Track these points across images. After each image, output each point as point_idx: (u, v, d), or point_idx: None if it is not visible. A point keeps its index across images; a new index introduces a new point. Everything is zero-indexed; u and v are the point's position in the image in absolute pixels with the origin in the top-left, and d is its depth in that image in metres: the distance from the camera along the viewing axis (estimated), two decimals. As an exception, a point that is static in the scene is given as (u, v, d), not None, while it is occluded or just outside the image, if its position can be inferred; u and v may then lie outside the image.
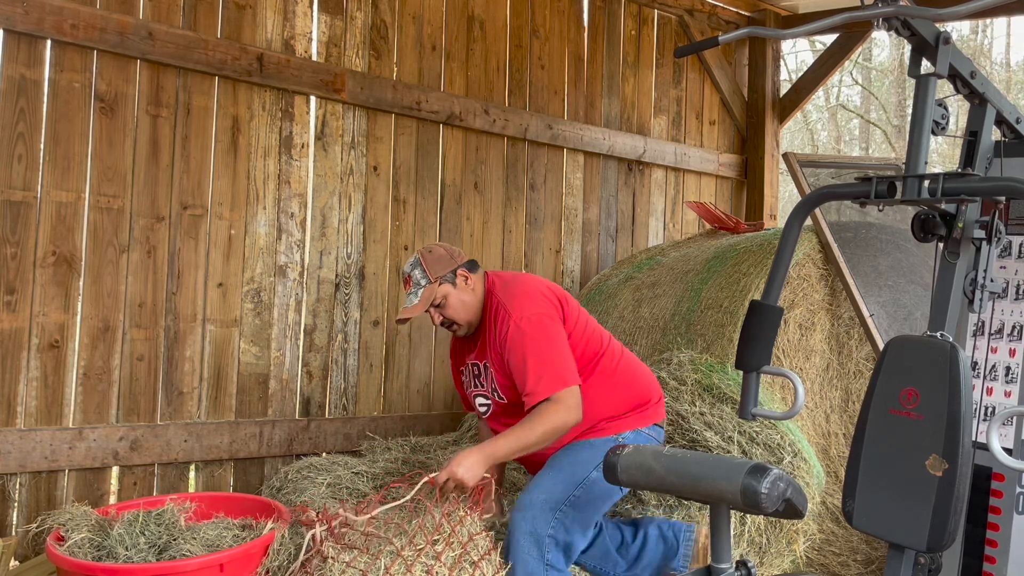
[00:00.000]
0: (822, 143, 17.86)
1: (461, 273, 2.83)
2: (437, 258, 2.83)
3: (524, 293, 2.77)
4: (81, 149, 3.53)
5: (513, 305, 2.72)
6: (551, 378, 2.60)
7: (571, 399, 2.60)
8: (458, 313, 2.82)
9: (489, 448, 2.58)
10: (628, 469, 2.38)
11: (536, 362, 2.61)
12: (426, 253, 2.85)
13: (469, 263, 2.88)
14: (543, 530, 2.62)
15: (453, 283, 2.81)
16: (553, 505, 2.66)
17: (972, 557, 2.85)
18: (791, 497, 2.14)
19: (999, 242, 2.27)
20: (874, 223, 4.51)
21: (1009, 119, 2.50)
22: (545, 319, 2.69)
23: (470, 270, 2.85)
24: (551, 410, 2.58)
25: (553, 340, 2.66)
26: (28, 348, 3.42)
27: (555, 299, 2.80)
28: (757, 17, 5.88)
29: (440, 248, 2.88)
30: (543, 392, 2.58)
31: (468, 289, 2.82)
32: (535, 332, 2.65)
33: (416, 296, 2.79)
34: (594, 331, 2.88)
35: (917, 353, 2.16)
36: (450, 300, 2.80)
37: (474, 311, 2.83)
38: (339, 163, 4.24)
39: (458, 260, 2.86)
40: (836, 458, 4.14)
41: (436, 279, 2.79)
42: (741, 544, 3.24)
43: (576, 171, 5.19)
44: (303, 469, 3.66)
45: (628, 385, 2.85)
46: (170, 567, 2.43)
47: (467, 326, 2.86)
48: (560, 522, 2.65)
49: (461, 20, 4.67)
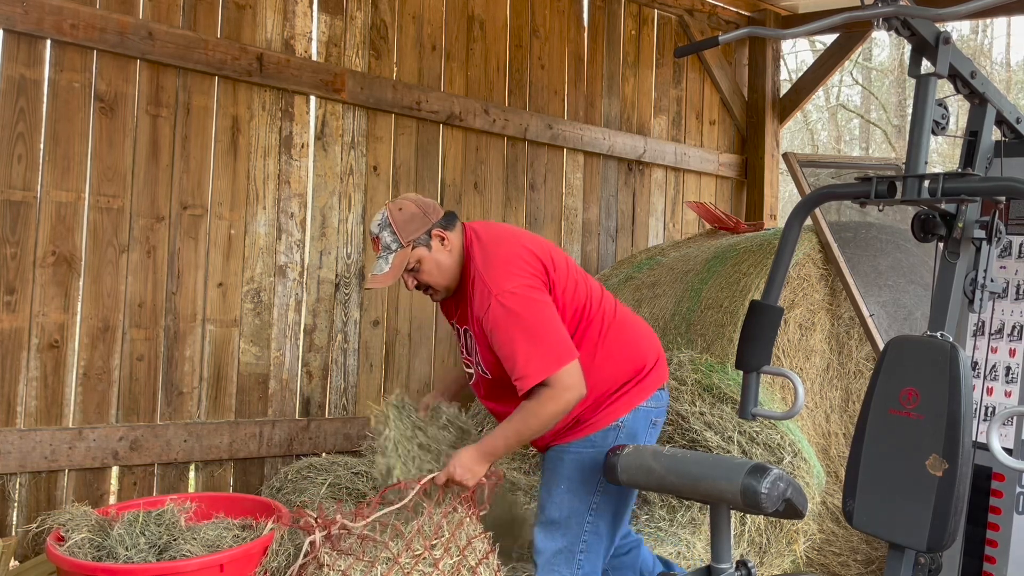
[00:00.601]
0: (822, 143, 17.86)
1: (436, 233, 2.51)
2: (409, 217, 2.50)
3: (504, 261, 2.47)
4: (81, 149, 3.53)
5: (492, 277, 2.43)
6: (543, 358, 2.35)
7: (568, 377, 2.36)
8: (434, 278, 2.54)
9: (487, 445, 2.45)
10: (628, 469, 2.38)
11: (525, 342, 2.35)
12: (396, 211, 2.51)
13: (446, 218, 2.55)
14: (575, 547, 2.54)
15: (428, 245, 2.50)
16: (572, 549, 2.54)
17: (972, 557, 2.85)
18: (791, 497, 2.15)
19: (999, 242, 2.27)
20: (874, 223, 4.51)
21: (1009, 119, 2.50)
22: (530, 290, 2.42)
23: (447, 227, 2.53)
24: (546, 398, 2.36)
25: (540, 314, 2.39)
26: (28, 348, 3.41)
27: (538, 263, 2.50)
28: (757, 17, 5.87)
29: (412, 204, 2.53)
30: (535, 375, 2.34)
31: (445, 251, 2.52)
32: (520, 308, 2.38)
33: (387, 262, 2.49)
34: (587, 291, 2.59)
35: (917, 353, 2.16)
36: (424, 265, 2.51)
37: (452, 274, 2.55)
38: (339, 163, 4.24)
39: (432, 217, 2.53)
40: (836, 458, 4.15)
41: (408, 243, 2.49)
42: (741, 544, 3.24)
43: (576, 171, 5.19)
44: (303, 469, 3.66)
45: (626, 348, 2.60)
46: (170, 567, 2.43)
47: (445, 290, 2.59)
48: (590, 533, 2.56)
49: (461, 20, 4.67)
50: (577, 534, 2.55)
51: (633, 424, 2.59)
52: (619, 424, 2.57)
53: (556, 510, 2.56)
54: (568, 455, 2.58)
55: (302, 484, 3.51)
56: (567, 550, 2.54)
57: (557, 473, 2.58)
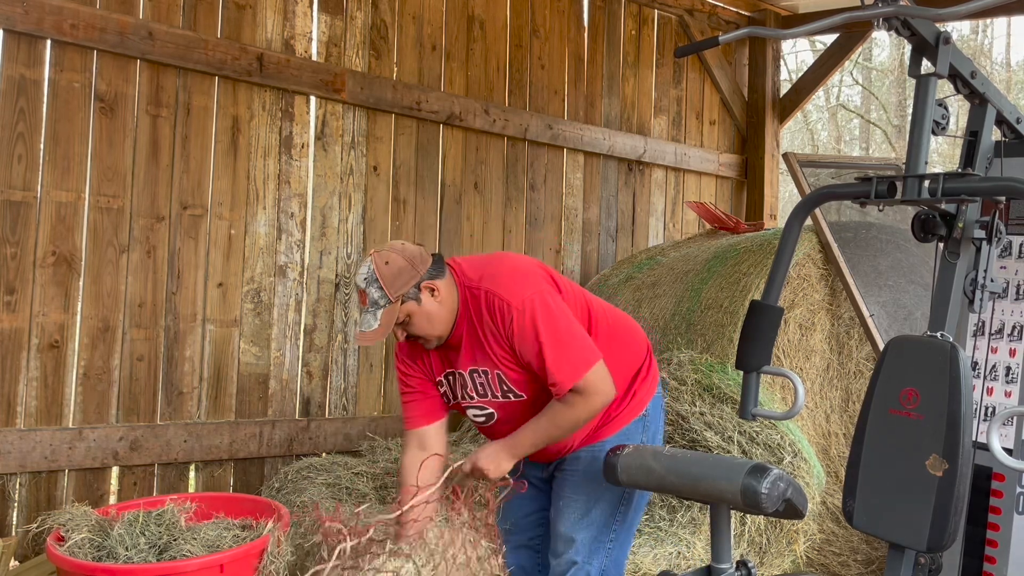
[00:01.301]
0: (822, 143, 17.86)
1: (426, 286, 2.42)
2: (396, 272, 2.40)
3: (513, 274, 2.47)
4: (81, 149, 3.53)
5: (506, 290, 2.41)
6: (572, 363, 2.37)
7: (598, 381, 2.39)
8: (424, 330, 2.45)
9: (512, 441, 2.45)
10: (628, 469, 2.38)
11: (552, 348, 2.36)
12: (382, 265, 2.41)
13: (434, 267, 2.46)
14: (606, 536, 2.58)
15: (418, 299, 2.41)
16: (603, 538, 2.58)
17: (972, 557, 2.85)
18: (791, 497, 2.15)
19: (999, 242, 2.27)
20: (874, 223, 4.51)
21: (1009, 119, 2.50)
22: (546, 296, 2.42)
23: (436, 276, 2.45)
24: (576, 403, 2.38)
25: (562, 319, 2.41)
26: (28, 348, 3.41)
27: (543, 271, 2.54)
28: (757, 17, 5.87)
29: (398, 256, 2.43)
30: (567, 381, 2.36)
31: (435, 302, 2.43)
32: (541, 314, 2.38)
33: (375, 318, 2.40)
34: (584, 296, 2.65)
35: (917, 353, 2.16)
36: (415, 319, 2.43)
37: (444, 324, 2.46)
38: (339, 163, 4.24)
39: (421, 269, 2.42)
40: (836, 458, 4.15)
41: (397, 298, 2.39)
42: (741, 544, 3.24)
43: (576, 171, 5.19)
44: (303, 469, 3.66)
45: (628, 340, 2.66)
46: (170, 567, 2.42)
47: (437, 340, 2.50)
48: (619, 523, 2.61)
49: (461, 20, 4.67)
50: (608, 524, 2.60)
51: (653, 411, 2.66)
52: (645, 413, 2.63)
53: (594, 506, 2.59)
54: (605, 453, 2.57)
55: (302, 484, 3.51)
56: (599, 540, 2.59)
57: (594, 469, 2.57)
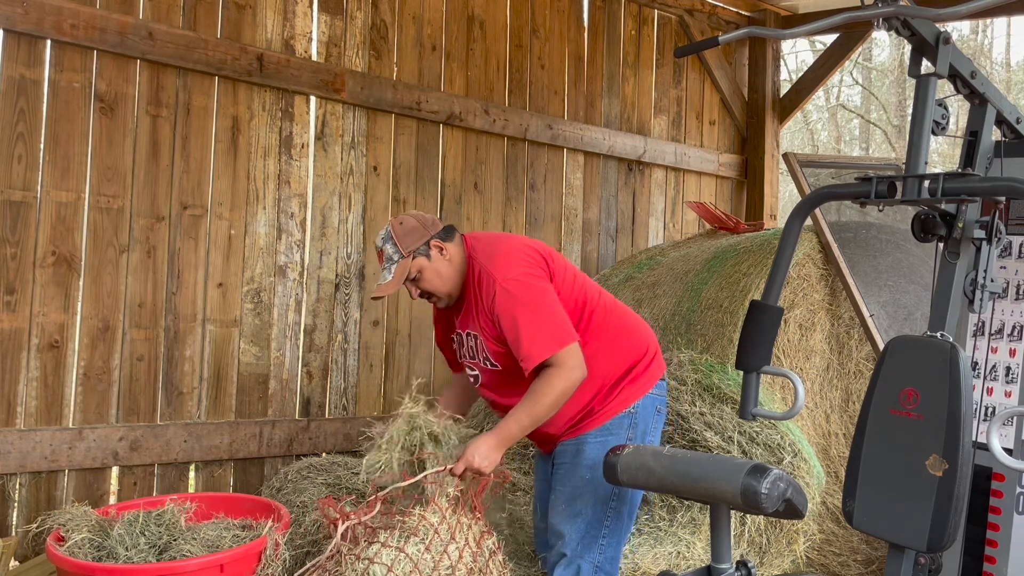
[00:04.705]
0: (822, 143, 17.86)
1: (435, 244, 2.67)
2: (408, 230, 2.68)
3: (506, 253, 2.63)
4: (81, 149, 3.53)
5: (496, 267, 2.59)
6: (545, 339, 2.50)
7: (570, 358, 2.51)
8: (435, 285, 2.69)
9: (502, 431, 2.52)
10: (628, 470, 2.39)
11: (528, 324, 2.50)
12: (397, 225, 2.70)
13: (444, 231, 2.72)
14: (598, 532, 2.60)
15: (428, 255, 2.66)
16: (595, 533, 2.60)
17: (972, 557, 2.85)
18: (791, 497, 2.15)
19: (999, 242, 2.27)
20: (874, 223, 4.51)
21: (1009, 119, 2.51)
22: (531, 278, 2.58)
23: (445, 239, 2.70)
24: (552, 376, 2.49)
25: (542, 299, 2.55)
26: (28, 348, 3.41)
27: (538, 256, 2.67)
28: (757, 17, 5.87)
29: (412, 219, 2.72)
30: (539, 355, 2.49)
31: (444, 260, 2.68)
32: (522, 293, 2.54)
33: (390, 272, 2.66)
34: (583, 285, 2.75)
35: (917, 353, 2.16)
36: (425, 273, 2.67)
37: (453, 282, 2.70)
38: (339, 163, 4.24)
39: (431, 230, 2.70)
40: (836, 458, 4.14)
41: (409, 253, 2.65)
42: (741, 544, 3.24)
43: (576, 171, 5.20)
44: (303, 469, 3.66)
45: (626, 337, 2.73)
46: (170, 567, 2.43)
47: (447, 297, 2.73)
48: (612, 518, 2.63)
49: (461, 20, 4.67)
50: (600, 519, 2.63)
51: (643, 410, 2.69)
52: (632, 410, 2.67)
53: (579, 497, 2.63)
54: (587, 445, 2.66)
55: (302, 484, 3.50)
56: (590, 535, 2.61)
57: (578, 462, 2.67)
